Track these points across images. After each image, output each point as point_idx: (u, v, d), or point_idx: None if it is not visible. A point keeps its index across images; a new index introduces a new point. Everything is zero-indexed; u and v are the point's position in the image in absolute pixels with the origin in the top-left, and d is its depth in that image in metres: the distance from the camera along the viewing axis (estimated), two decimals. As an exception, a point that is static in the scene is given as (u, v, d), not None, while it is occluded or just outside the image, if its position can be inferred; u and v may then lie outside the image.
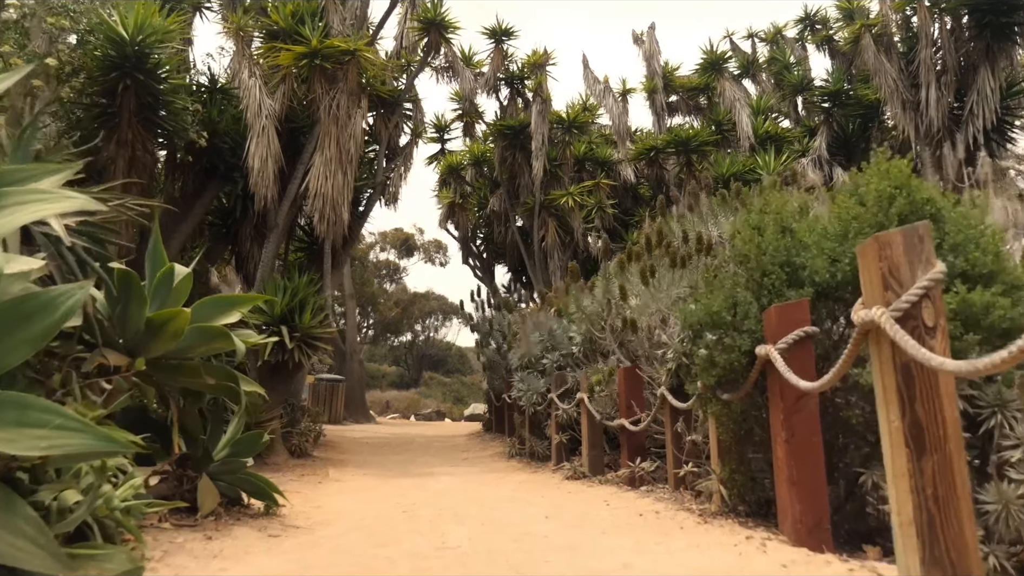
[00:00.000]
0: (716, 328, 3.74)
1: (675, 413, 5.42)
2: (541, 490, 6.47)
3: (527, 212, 15.95)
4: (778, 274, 3.65)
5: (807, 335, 3.38)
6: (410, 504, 5.61)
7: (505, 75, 16.46)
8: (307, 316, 8.77)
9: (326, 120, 9.15)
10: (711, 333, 3.78)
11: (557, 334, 9.33)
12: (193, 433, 4.38)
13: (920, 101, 12.65)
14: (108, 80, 7.81)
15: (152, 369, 4.03)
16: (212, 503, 4.14)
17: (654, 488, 5.63)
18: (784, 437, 3.32)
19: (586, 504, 5.29)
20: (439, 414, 23.37)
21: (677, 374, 5.46)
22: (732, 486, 3.94)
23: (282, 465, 8.58)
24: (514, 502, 5.69)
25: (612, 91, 16.71)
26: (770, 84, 19.26)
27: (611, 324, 7.41)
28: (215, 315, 4.21)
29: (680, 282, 6.34)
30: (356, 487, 6.97)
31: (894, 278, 2.29)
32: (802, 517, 3.23)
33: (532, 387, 9.04)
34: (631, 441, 6.37)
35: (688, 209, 7.38)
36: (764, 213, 4.02)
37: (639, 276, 6.55)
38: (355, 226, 11.43)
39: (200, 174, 10.78)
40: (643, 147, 15.98)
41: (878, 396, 2.35)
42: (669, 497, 5.12)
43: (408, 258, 40.29)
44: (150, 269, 4.09)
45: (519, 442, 9.74)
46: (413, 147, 12.75)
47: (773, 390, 3.46)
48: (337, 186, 9.07)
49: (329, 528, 4.21)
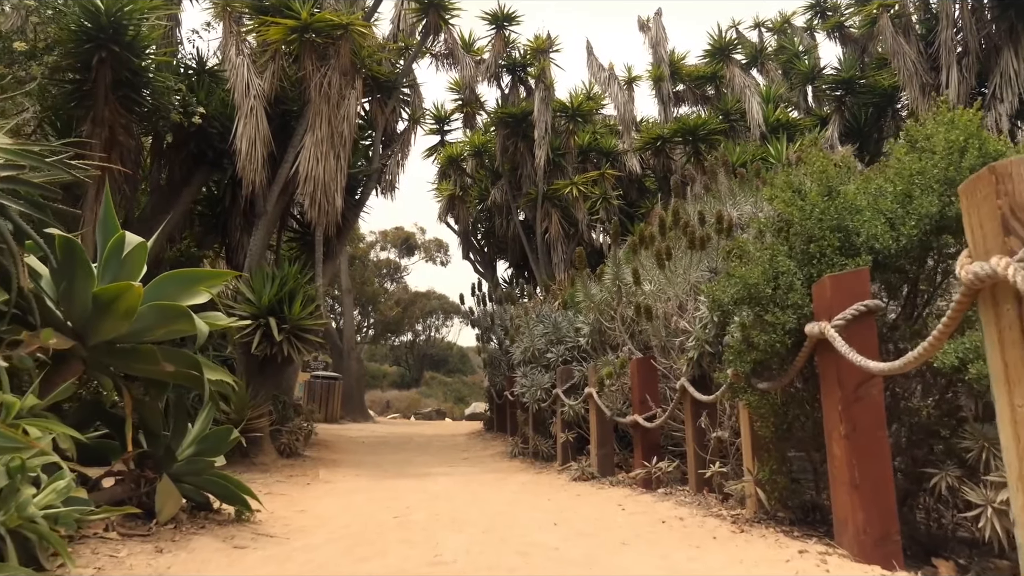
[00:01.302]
0: (754, 304, 3.20)
1: (697, 407, 4.88)
2: (547, 492, 5.94)
3: (530, 203, 15.40)
4: (828, 239, 3.11)
5: (868, 310, 2.85)
6: (403, 508, 5.08)
7: (507, 62, 15.91)
8: (297, 307, 8.24)
9: (317, 99, 8.61)
10: (748, 310, 3.25)
11: (562, 326, 8.80)
12: (154, 428, 3.85)
13: (940, 84, 12.10)
14: (82, 53, 7.28)
15: (102, 354, 3.50)
16: (173, 508, 3.61)
17: (673, 490, 5.09)
18: (843, 431, 2.78)
19: (598, 508, 4.75)
20: (439, 413, 22.83)
21: (699, 363, 4.94)
22: (773, 489, 3.41)
23: (270, 465, 8.06)
24: (518, 506, 5.16)
25: (617, 79, 16.15)
26: (778, 74, 18.71)
27: (621, 314, 6.88)
28: (177, 293, 3.68)
29: (699, 265, 5.80)
30: (347, 489, 6.44)
31: (1018, 219, 1.76)
32: (866, 527, 2.69)
33: (536, 382, 8.50)
34: (645, 439, 5.84)
35: (704, 189, 6.84)
36: (804, 173, 3.48)
37: (654, 259, 6.01)
38: (350, 215, 10.89)
39: (188, 161, 10.25)
40: (649, 136, 15.42)
41: (994, 374, 1.81)
42: (692, 500, 4.58)
43: (409, 257, 39.86)
44: (101, 239, 3.56)
45: (522, 441, 9.21)
46: (411, 133, 12.21)
47: (827, 375, 2.93)
48: (329, 170, 8.53)
49: (308, 537, 3.67)
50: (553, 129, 14.89)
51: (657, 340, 5.89)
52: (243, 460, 7.98)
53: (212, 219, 11.26)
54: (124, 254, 3.38)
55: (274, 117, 9.74)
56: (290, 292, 8.38)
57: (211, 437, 3.98)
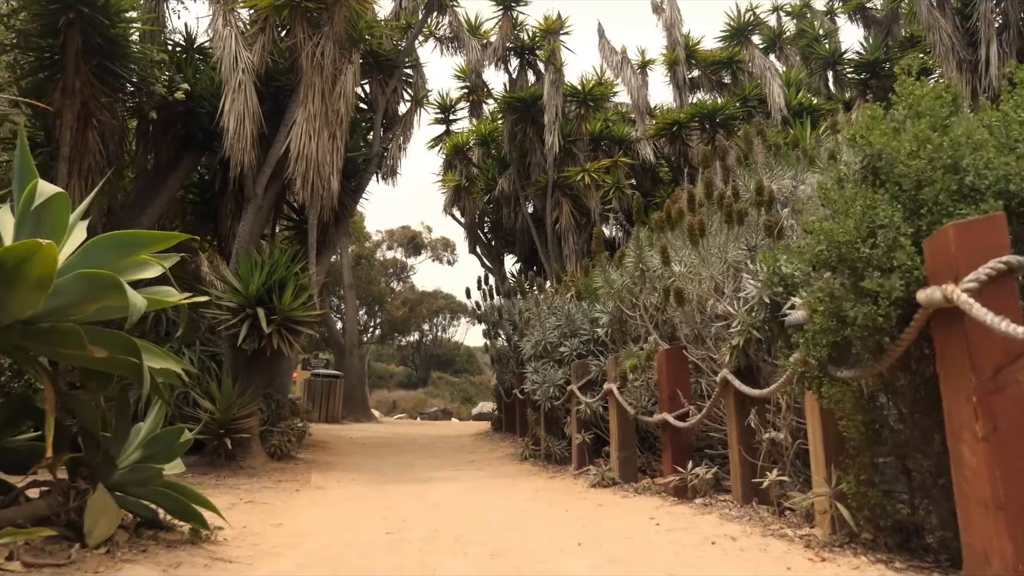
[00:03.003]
0: (844, 268, 2.48)
1: (743, 403, 4.16)
2: (564, 501, 5.22)
3: (539, 192, 14.66)
4: (942, 183, 2.38)
5: (1009, 268, 2.11)
6: (399, 521, 4.37)
7: (514, 44, 15.17)
8: (288, 296, 7.53)
9: (309, 69, 7.91)
10: (833, 278, 2.52)
11: (576, 318, 8.08)
12: (91, 429, 3.15)
13: (978, 60, 11.30)
14: (49, 14, 6.61)
15: (15, 336, 2.80)
16: (107, 527, 2.91)
17: (713, 501, 4.36)
18: (980, 431, 2.05)
19: (628, 522, 4.03)
20: (445, 412, 22.10)
21: (744, 352, 4.21)
22: (860, 505, 2.68)
23: (259, 469, 7.37)
24: (532, 518, 4.45)
25: (630, 63, 15.39)
26: (797, 60, 17.94)
27: (644, 301, 6.15)
28: (115, 262, 2.98)
29: (737, 241, 5.07)
30: (338, 496, 5.74)
31: None
32: (1016, 562, 1.96)
33: (548, 378, 7.78)
34: (676, 440, 5.10)
35: (738, 161, 6.11)
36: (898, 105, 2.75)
37: (685, 237, 5.28)
38: (348, 201, 10.18)
39: (175, 143, 9.58)
40: (664, 121, 14.65)
41: None
42: (739, 514, 3.85)
43: (415, 256, 39.41)
44: (16, 190, 2.87)
45: (533, 442, 8.49)
46: (414, 116, 11.49)
47: (952, 355, 2.20)
48: (323, 148, 7.83)
49: (274, 562, 2.97)
50: (563, 115, 14.14)
51: (689, 327, 5.16)
52: (229, 464, 7.29)
53: (203, 207, 10.60)
54: (34, 206, 2.68)
55: (266, 96, 9.06)
56: (280, 280, 7.68)
57: (161, 439, 3.28)
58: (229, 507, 5.03)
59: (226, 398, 7.38)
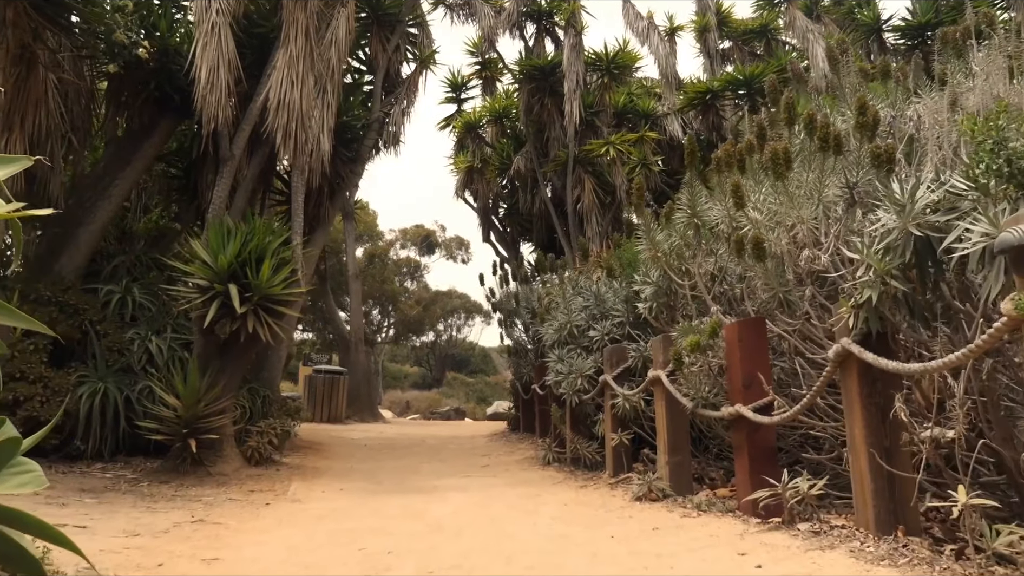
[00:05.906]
0: None
1: (873, 385, 2.87)
2: (605, 520, 3.95)
3: (558, 169, 13.36)
4: None
5: None
6: (383, 553, 3.13)
7: (531, 8, 13.89)
8: (265, 271, 6.31)
9: (291, 4, 6.70)
10: None
11: (607, 298, 6.82)
12: None
13: (1062, 8, 9.89)
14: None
15: None
16: None
17: (825, 528, 3.05)
18: None
19: (711, 563, 2.76)
20: (458, 412, 20.82)
21: (876, 314, 2.92)
22: None
23: (230, 476, 6.17)
24: (567, 548, 3.19)
25: (657, 29, 14.08)
26: (835, 29, 16.56)
27: (700, 266, 4.86)
28: None
29: (836, 175, 3.78)
30: (315, 513, 4.51)
31: None
32: None
33: (575, 368, 6.49)
34: (754, 441, 3.81)
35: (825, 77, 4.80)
36: None
37: (762, 171, 3.99)
38: (344, 171, 8.99)
39: (149, 105, 8.38)
40: (696, 91, 13.32)
41: None
42: (883, 552, 2.56)
43: (429, 255, 38.54)
44: None
45: (557, 444, 7.21)
46: (419, 78, 10.26)
47: None
48: (308, 95, 6.62)
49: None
50: (585, 84, 12.85)
51: (774, 288, 3.86)
52: (196, 470, 6.09)
53: (185, 181, 9.44)
54: None
55: (248, 47, 7.88)
56: (258, 252, 6.47)
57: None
58: (165, 531, 3.81)
59: (191, 392, 6.18)
